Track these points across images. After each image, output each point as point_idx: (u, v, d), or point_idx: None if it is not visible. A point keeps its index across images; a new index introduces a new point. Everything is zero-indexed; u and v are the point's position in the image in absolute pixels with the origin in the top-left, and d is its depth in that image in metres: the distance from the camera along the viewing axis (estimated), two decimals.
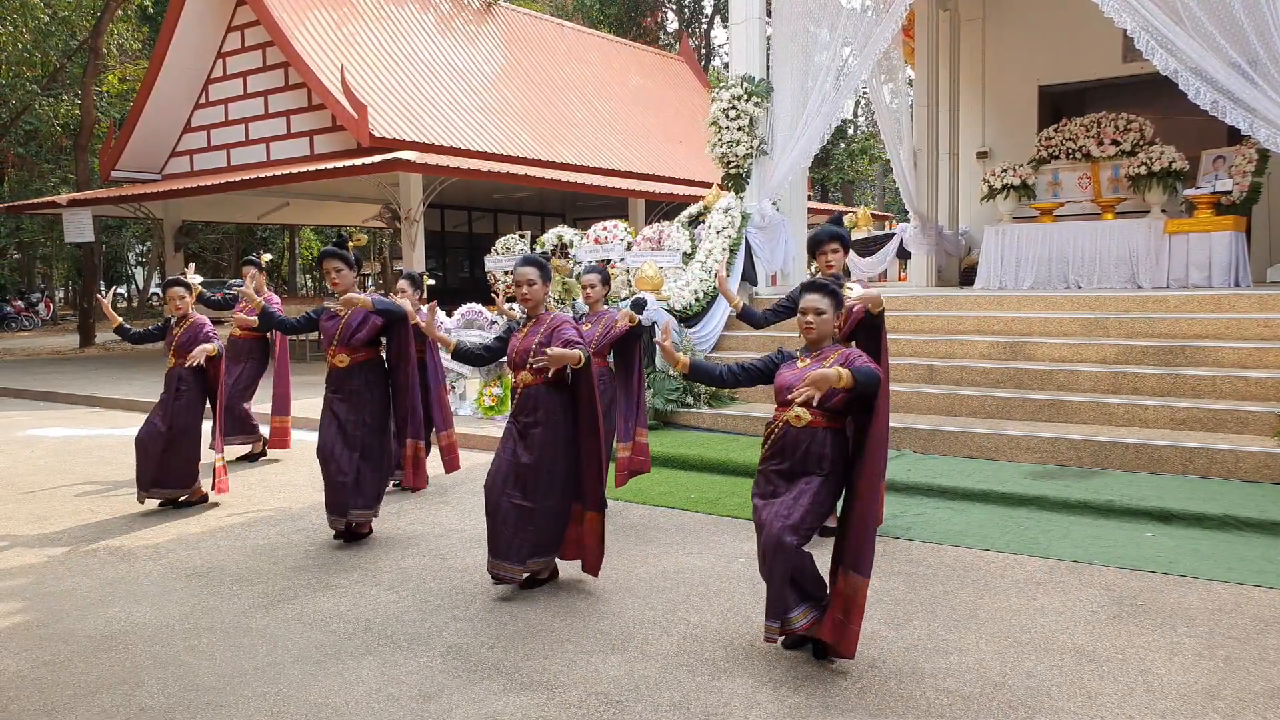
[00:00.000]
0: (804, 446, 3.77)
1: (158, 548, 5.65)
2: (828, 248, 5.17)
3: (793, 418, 3.77)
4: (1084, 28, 12.28)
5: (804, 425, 3.75)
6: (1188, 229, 9.91)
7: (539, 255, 4.82)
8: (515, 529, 4.60)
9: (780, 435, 3.85)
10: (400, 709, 3.48)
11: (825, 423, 3.75)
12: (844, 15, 10.10)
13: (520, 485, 4.62)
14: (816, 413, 3.73)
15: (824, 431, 3.75)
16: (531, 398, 4.67)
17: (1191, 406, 6.94)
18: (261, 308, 5.71)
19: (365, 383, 5.58)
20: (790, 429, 3.80)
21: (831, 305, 3.84)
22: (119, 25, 24.07)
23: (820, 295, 3.84)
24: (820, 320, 3.83)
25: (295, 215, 25.92)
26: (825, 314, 3.83)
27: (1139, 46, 8.07)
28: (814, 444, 3.76)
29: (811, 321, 3.83)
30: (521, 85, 21.48)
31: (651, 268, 9.69)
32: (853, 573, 3.64)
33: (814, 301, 3.84)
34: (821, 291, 3.85)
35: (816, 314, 3.83)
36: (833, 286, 3.87)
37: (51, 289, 41.27)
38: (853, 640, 3.66)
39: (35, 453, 8.95)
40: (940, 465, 6.82)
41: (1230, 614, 4.20)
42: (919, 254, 13.41)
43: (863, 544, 3.64)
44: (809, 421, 3.74)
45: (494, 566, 4.66)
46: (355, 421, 5.54)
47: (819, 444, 3.76)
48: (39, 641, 4.21)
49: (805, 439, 3.77)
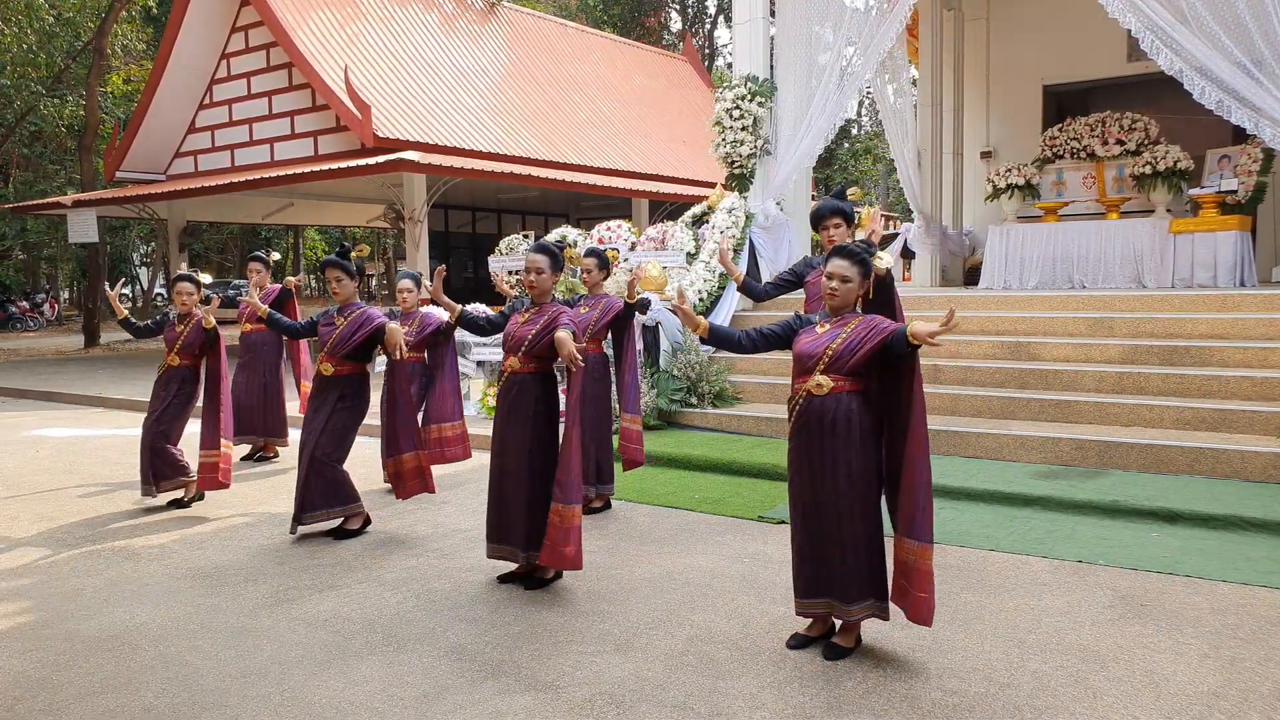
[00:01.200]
0: (830, 414, 3.69)
1: (162, 548, 5.66)
2: (830, 222, 5.18)
3: (814, 386, 3.70)
4: (1088, 27, 12.24)
5: (827, 392, 3.69)
6: (1193, 229, 9.89)
7: (553, 244, 4.80)
8: (523, 517, 4.67)
9: (804, 406, 3.76)
10: (404, 709, 3.48)
11: (849, 386, 3.69)
12: (848, 15, 10.09)
13: (521, 475, 4.67)
14: (838, 377, 3.67)
15: (848, 396, 3.68)
16: (515, 384, 4.71)
17: (1197, 407, 6.92)
18: (268, 315, 5.80)
19: (339, 394, 5.65)
20: (813, 398, 3.73)
21: (859, 274, 3.69)
22: (123, 26, 24.10)
23: (849, 262, 3.70)
24: (845, 288, 3.70)
25: (299, 216, 25.95)
26: (851, 282, 3.70)
27: (1144, 46, 8.04)
28: (839, 410, 3.68)
29: (836, 288, 3.70)
30: (525, 85, 21.48)
31: (655, 267, 9.69)
32: (908, 539, 3.62)
33: (840, 268, 3.71)
34: (850, 259, 3.70)
35: (842, 281, 3.70)
36: (863, 255, 3.71)
37: (56, 290, 41.33)
38: (922, 607, 3.61)
39: (40, 453, 8.97)
40: (944, 465, 6.81)
41: (1236, 614, 4.19)
42: (923, 254, 13.40)
43: (915, 508, 3.60)
44: (831, 388, 3.68)
45: (494, 551, 4.79)
46: (313, 430, 5.64)
47: (844, 409, 3.68)
48: (44, 641, 4.22)
49: (831, 405, 3.69)
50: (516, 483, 4.69)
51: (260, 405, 8.13)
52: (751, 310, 10.38)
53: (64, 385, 13.87)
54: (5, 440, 9.75)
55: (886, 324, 3.66)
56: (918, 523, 3.61)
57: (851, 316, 3.76)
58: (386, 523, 6.00)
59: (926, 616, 3.65)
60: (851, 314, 3.78)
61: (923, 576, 3.61)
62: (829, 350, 3.69)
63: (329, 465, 5.66)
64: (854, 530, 3.72)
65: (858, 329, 3.69)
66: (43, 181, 28.79)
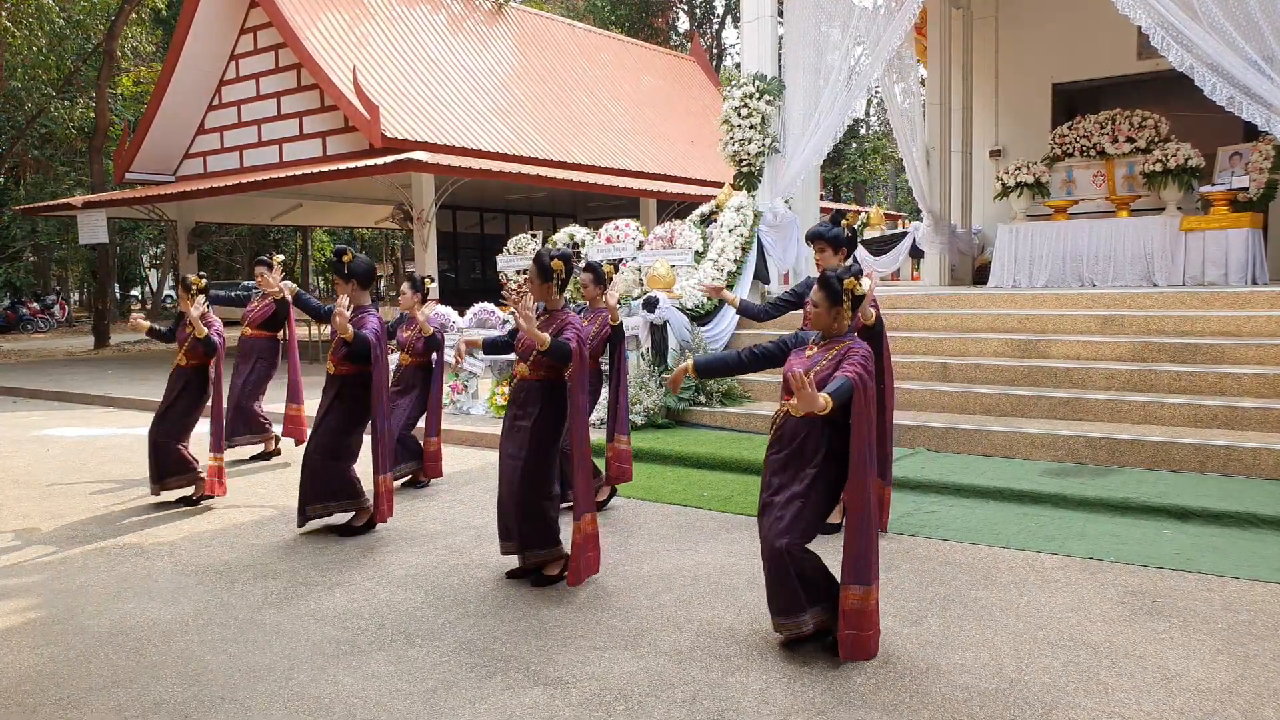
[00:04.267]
0: (801, 436, 3.79)
1: (172, 545, 5.68)
2: (814, 246, 5.40)
3: (792, 407, 3.73)
4: (1098, 25, 12.20)
5: (802, 415, 3.72)
6: (1204, 226, 9.84)
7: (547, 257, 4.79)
8: (514, 518, 4.73)
9: (781, 424, 3.88)
10: (413, 704, 3.48)
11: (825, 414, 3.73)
12: (856, 14, 10.06)
13: (512, 478, 4.72)
14: None
15: (821, 422, 3.75)
16: (523, 390, 4.78)
17: (1208, 404, 6.88)
18: (296, 292, 6.08)
19: (335, 394, 5.76)
20: (789, 418, 3.82)
21: (826, 299, 3.81)
22: (133, 28, 24.23)
23: (818, 289, 3.86)
24: (815, 313, 3.87)
25: (308, 216, 26.05)
26: (818, 307, 3.84)
27: (1154, 43, 8.00)
28: (810, 435, 3.77)
29: (809, 313, 3.94)
30: (533, 86, 21.51)
31: (663, 266, 9.69)
32: (854, 585, 3.64)
33: (812, 294, 3.89)
34: (820, 286, 3.86)
35: (813, 306, 3.88)
36: (833, 283, 3.81)
37: (66, 291, 41.53)
38: (870, 644, 3.70)
39: (51, 452, 9.01)
40: (954, 463, 6.79)
41: (1249, 611, 4.16)
42: (932, 253, 13.35)
43: (859, 552, 3.63)
44: (806, 411, 3.72)
45: (504, 548, 4.83)
46: (323, 428, 5.76)
47: (815, 435, 3.77)
48: (55, 636, 4.23)
49: (803, 429, 3.79)
50: (509, 486, 4.76)
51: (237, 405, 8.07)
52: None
53: (74, 385, 13.93)
54: (17, 439, 9.80)
55: (855, 360, 3.68)
56: (865, 566, 3.63)
57: (838, 342, 3.84)
58: (395, 520, 6.00)
59: (874, 650, 3.73)
60: (842, 339, 3.85)
61: (870, 618, 3.67)
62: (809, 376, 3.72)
63: (326, 461, 5.73)
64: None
65: (837, 356, 3.77)
66: (53, 183, 28.96)
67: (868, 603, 3.66)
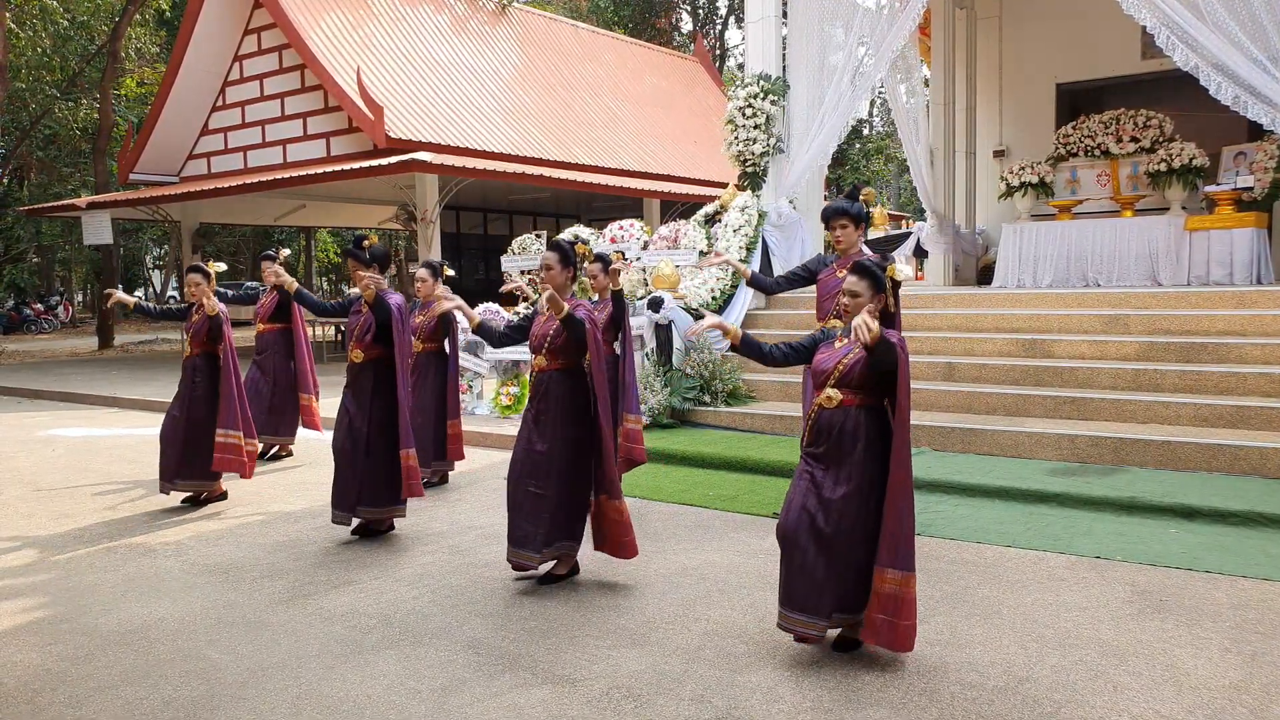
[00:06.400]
0: (838, 427, 3.69)
1: (179, 544, 5.69)
2: (836, 223, 5.28)
3: (824, 399, 3.71)
4: (1102, 25, 12.18)
5: (836, 405, 3.69)
6: (1208, 226, 9.82)
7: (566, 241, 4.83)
8: (532, 516, 4.67)
9: (815, 419, 3.78)
10: (421, 702, 3.48)
11: (858, 401, 3.68)
12: (859, 14, 10.07)
13: (535, 473, 4.68)
14: (847, 391, 3.68)
15: (857, 410, 3.68)
16: (544, 383, 4.75)
17: (1214, 403, 6.87)
18: (296, 288, 5.99)
19: (374, 380, 5.65)
20: (824, 411, 3.74)
21: (868, 289, 3.68)
22: (137, 29, 24.26)
23: (858, 278, 3.71)
24: (854, 303, 3.71)
25: (312, 217, 26.06)
26: (860, 297, 3.69)
27: (1159, 43, 8.00)
28: (848, 423, 3.68)
29: (847, 304, 3.73)
30: (536, 86, 21.51)
31: (668, 266, 9.69)
32: (891, 569, 3.58)
33: (851, 284, 3.73)
34: (861, 274, 3.71)
35: (852, 296, 3.72)
36: (875, 270, 3.71)
37: (70, 292, 41.61)
38: (907, 635, 3.60)
39: (56, 452, 9.03)
40: (960, 462, 6.79)
41: (1257, 609, 4.15)
42: (936, 253, 13.33)
43: (899, 532, 3.58)
44: (840, 401, 3.69)
45: (513, 555, 4.74)
46: (363, 419, 5.62)
47: (853, 422, 3.68)
48: (63, 636, 4.24)
49: (839, 419, 3.70)
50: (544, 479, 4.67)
51: (270, 406, 8.14)
52: (765, 309, 10.36)
53: (79, 386, 13.95)
54: (22, 440, 9.82)
55: (892, 334, 3.64)
56: (901, 552, 3.59)
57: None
58: (402, 520, 6.00)
59: (911, 643, 3.64)
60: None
61: (908, 606, 3.59)
62: (840, 364, 3.70)
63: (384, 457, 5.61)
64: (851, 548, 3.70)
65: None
66: (57, 184, 29.01)
67: (907, 591, 3.57)
